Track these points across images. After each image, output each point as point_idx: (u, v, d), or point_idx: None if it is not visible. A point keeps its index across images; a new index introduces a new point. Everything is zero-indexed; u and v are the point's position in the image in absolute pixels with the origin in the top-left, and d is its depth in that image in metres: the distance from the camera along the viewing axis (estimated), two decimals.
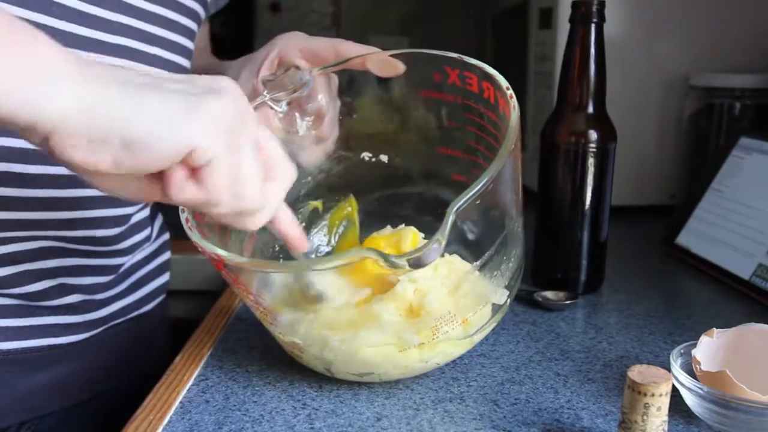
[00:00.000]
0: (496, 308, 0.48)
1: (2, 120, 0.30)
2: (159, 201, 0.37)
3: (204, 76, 0.37)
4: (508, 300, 0.49)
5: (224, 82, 0.36)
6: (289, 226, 0.43)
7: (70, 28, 0.51)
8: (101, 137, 0.31)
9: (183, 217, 0.44)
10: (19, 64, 0.30)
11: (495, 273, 0.47)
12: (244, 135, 0.36)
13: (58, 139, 0.31)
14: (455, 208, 0.38)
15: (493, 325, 0.49)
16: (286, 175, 0.40)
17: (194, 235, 0.42)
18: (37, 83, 0.30)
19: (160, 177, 0.35)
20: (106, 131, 0.31)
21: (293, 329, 0.46)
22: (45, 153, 0.32)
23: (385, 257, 0.37)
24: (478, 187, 0.39)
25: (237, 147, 0.35)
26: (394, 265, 0.38)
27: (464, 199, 0.38)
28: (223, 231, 0.50)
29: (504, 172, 0.41)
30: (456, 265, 0.50)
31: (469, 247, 0.51)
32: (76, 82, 0.31)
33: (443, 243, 0.38)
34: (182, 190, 0.34)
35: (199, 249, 0.42)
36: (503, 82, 0.46)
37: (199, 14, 0.64)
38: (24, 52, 0.30)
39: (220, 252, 0.40)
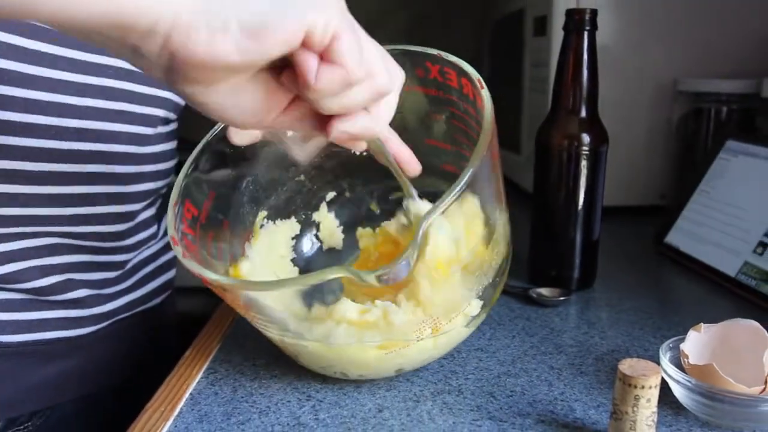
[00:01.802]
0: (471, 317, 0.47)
1: (128, 26, 0.29)
2: (279, 117, 0.35)
3: None
4: (482, 309, 0.48)
5: None
6: (400, 146, 0.42)
7: (73, 55, 0.51)
8: (220, 25, 0.30)
9: (169, 234, 0.43)
10: None
11: (477, 272, 0.46)
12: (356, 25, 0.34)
13: (177, 36, 0.29)
14: (427, 221, 0.37)
15: (469, 332, 0.48)
16: (401, 75, 0.38)
17: (178, 251, 0.42)
18: None
19: (284, 79, 0.34)
20: (224, 17, 0.30)
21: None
22: (165, 61, 0.31)
23: (356, 274, 0.37)
24: (449, 198, 0.37)
25: (354, 28, 0.33)
26: (365, 282, 0.37)
27: (436, 212, 0.37)
28: (216, 237, 0.50)
29: (480, 173, 0.40)
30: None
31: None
32: None
33: (413, 260, 0.37)
34: (321, 75, 0.32)
35: (187, 270, 0.41)
36: (477, 79, 0.46)
37: None
38: None
39: (204, 272, 0.40)
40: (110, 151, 0.55)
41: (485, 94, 0.44)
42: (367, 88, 0.35)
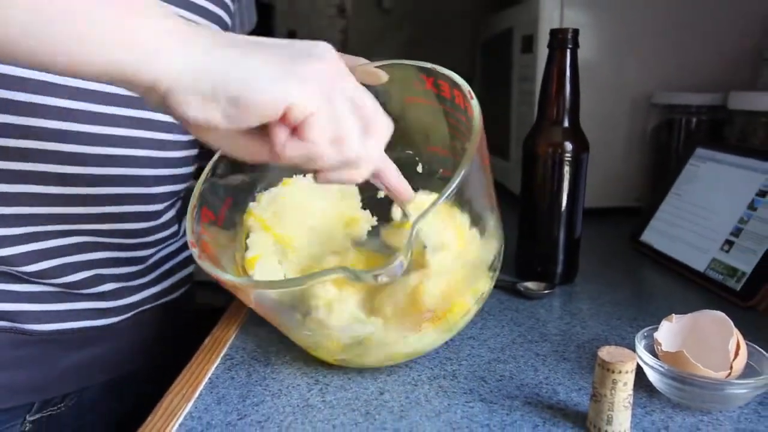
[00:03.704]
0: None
1: (130, 83, 0.32)
2: (267, 160, 0.36)
3: (303, 41, 0.36)
4: (477, 301, 0.47)
5: (320, 46, 0.36)
6: (394, 178, 0.42)
7: None
8: (210, 96, 0.32)
9: (188, 240, 0.43)
10: (138, 34, 0.31)
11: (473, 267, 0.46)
12: (340, 93, 0.35)
13: (173, 98, 0.32)
14: (418, 223, 0.37)
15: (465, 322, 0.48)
16: (384, 128, 0.38)
17: (195, 253, 0.42)
18: (155, 51, 0.31)
19: (265, 136, 0.35)
20: (213, 90, 0.32)
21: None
22: (165, 110, 0.33)
23: (355, 274, 0.36)
24: (443, 197, 0.37)
25: (334, 103, 0.34)
26: (362, 281, 0.37)
27: (429, 212, 0.37)
28: (232, 239, 0.49)
29: (471, 175, 0.40)
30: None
31: None
32: (186, 49, 0.32)
33: (406, 262, 0.36)
34: (286, 147, 0.34)
35: (203, 269, 0.41)
36: (468, 91, 0.45)
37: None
38: (143, 24, 0.31)
39: (218, 273, 0.40)
40: (134, 155, 0.55)
41: (474, 103, 0.44)
42: (333, 161, 0.36)
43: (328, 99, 0.34)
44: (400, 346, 0.44)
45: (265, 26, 1.60)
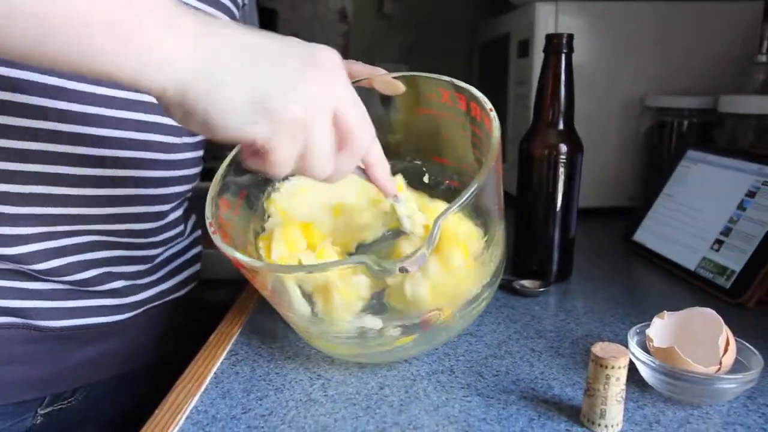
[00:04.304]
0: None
1: (128, 83, 0.33)
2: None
3: (303, 46, 0.37)
4: (480, 302, 0.47)
5: (322, 55, 0.37)
6: (376, 176, 0.42)
7: None
8: (189, 113, 0.35)
9: (207, 221, 0.43)
10: (141, 45, 0.32)
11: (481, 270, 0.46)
12: (322, 111, 0.36)
13: (162, 103, 0.35)
14: (441, 220, 0.37)
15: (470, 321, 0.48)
16: (360, 143, 0.38)
17: (216, 239, 0.42)
18: (152, 65, 0.33)
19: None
20: (191, 111, 0.34)
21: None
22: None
23: (377, 263, 0.37)
24: (462, 200, 0.37)
25: (304, 132, 0.35)
26: (385, 270, 0.37)
27: (449, 212, 0.37)
28: (246, 229, 0.50)
29: (486, 185, 0.40)
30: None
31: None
32: (179, 71, 0.33)
33: (428, 253, 0.37)
34: (245, 161, 0.38)
35: (221, 251, 0.41)
36: (487, 104, 0.46)
37: None
38: (148, 37, 0.32)
39: (239, 256, 0.40)
40: (143, 157, 0.56)
41: (493, 115, 0.44)
42: (298, 173, 0.38)
43: (297, 129, 0.35)
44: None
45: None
